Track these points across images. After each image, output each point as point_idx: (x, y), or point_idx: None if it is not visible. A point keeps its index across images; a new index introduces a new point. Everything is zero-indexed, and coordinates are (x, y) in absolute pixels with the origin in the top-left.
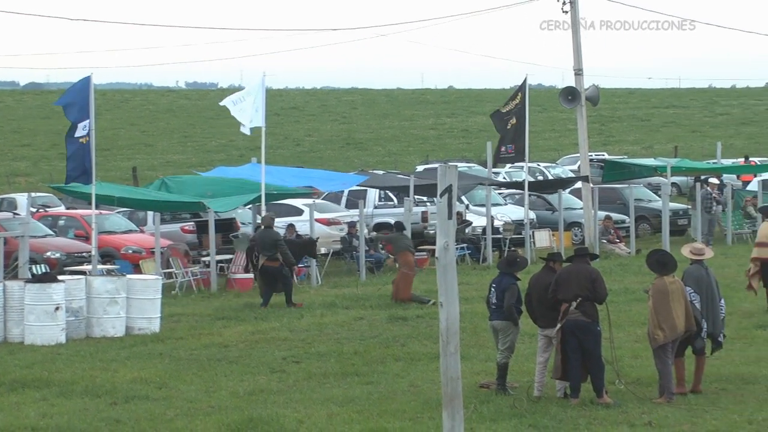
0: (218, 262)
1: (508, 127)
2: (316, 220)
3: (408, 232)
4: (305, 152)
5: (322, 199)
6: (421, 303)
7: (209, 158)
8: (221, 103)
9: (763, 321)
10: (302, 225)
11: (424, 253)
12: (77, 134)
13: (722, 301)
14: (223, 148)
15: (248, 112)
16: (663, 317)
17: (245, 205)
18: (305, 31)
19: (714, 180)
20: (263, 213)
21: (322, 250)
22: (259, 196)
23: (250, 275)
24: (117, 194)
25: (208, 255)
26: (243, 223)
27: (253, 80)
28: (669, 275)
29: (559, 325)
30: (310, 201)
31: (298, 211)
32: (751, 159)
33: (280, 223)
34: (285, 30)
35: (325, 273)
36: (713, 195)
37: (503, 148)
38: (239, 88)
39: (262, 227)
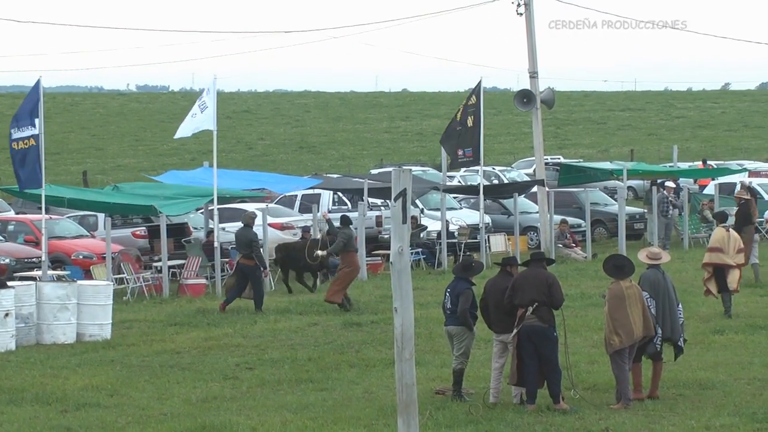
0: (170, 267)
1: (459, 129)
2: (269, 225)
3: (362, 237)
4: (258, 156)
5: (275, 203)
6: (345, 310)
7: (161, 162)
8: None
9: (720, 326)
10: (255, 230)
11: (379, 257)
12: (15, 136)
13: (680, 305)
14: (175, 152)
15: (196, 119)
16: (619, 322)
17: (197, 209)
18: (257, 33)
19: (670, 183)
20: (215, 217)
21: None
22: (211, 200)
23: (202, 280)
24: (68, 195)
25: (159, 260)
26: (195, 228)
27: (204, 83)
28: (625, 280)
29: (515, 331)
30: (262, 205)
31: None
32: (709, 163)
33: (233, 228)
34: (237, 32)
35: (279, 278)
36: (669, 199)
37: (461, 152)
38: (191, 92)
39: (242, 225)
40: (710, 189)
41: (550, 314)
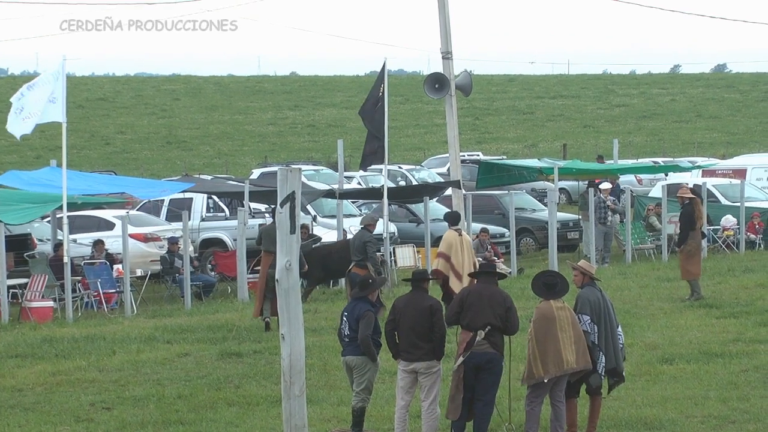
0: (10, 287)
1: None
2: (130, 236)
3: (242, 250)
4: (117, 153)
5: (138, 209)
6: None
7: None
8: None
9: (669, 354)
10: (113, 241)
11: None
12: None
13: (620, 328)
14: (16, 149)
15: (34, 107)
16: (546, 348)
17: (43, 217)
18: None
19: (606, 185)
20: (65, 226)
21: (138, 272)
22: (60, 207)
23: (50, 303)
24: None
25: None
26: (40, 240)
27: (50, 66)
28: (557, 300)
29: (462, 358)
30: (122, 212)
31: (109, 225)
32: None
33: (86, 240)
34: (87, 4)
35: (142, 299)
36: (608, 203)
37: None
38: (34, 75)
39: (360, 228)
40: (657, 192)
41: (502, 340)
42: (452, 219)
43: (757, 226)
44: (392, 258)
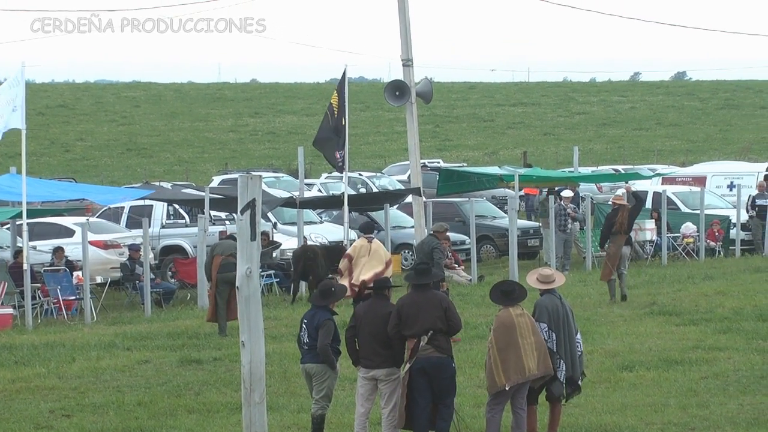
0: None
1: (335, 126)
2: (90, 243)
3: (201, 256)
4: (77, 160)
5: (98, 216)
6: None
7: None
8: None
9: (629, 361)
10: (73, 248)
11: None
12: None
13: (579, 335)
14: None
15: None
16: (507, 356)
17: (2, 224)
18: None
19: (568, 192)
20: (24, 233)
21: (98, 279)
22: (19, 214)
23: (9, 310)
24: None
25: None
26: (0, 247)
27: (9, 72)
28: (516, 307)
29: (408, 365)
30: (82, 219)
31: (68, 232)
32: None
33: (46, 247)
34: (48, 11)
35: (102, 307)
36: (568, 210)
37: (338, 154)
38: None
39: (431, 233)
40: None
41: (448, 342)
42: (365, 228)
43: (716, 234)
44: None
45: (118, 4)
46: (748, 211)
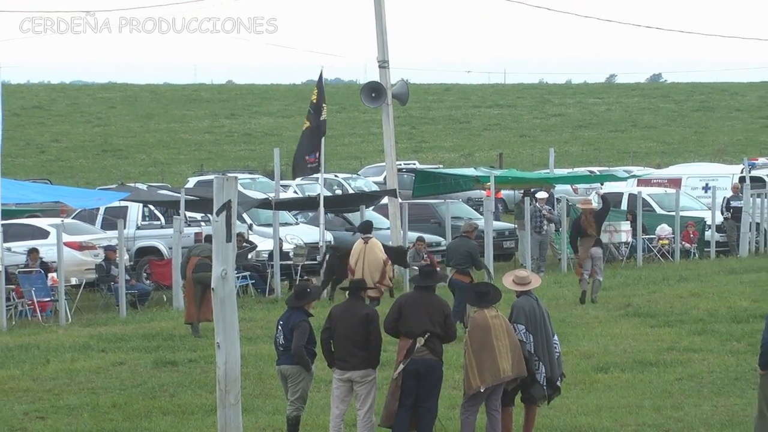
0: None
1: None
2: (65, 244)
3: (177, 257)
4: (52, 161)
5: (73, 218)
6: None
7: None
8: None
9: (604, 363)
10: (48, 250)
11: None
12: None
13: (555, 337)
14: None
15: None
16: (482, 357)
17: None
18: (50, 13)
19: (543, 194)
20: None
21: (73, 281)
22: None
23: None
24: None
25: None
26: None
27: None
28: (490, 308)
29: (402, 366)
30: (57, 221)
31: (43, 233)
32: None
33: (20, 248)
34: (23, 12)
35: (77, 308)
36: (543, 212)
37: (307, 157)
38: None
39: (462, 234)
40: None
41: (441, 347)
42: (363, 228)
43: (691, 236)
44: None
45: (112, 5)
46: (723, 213)
